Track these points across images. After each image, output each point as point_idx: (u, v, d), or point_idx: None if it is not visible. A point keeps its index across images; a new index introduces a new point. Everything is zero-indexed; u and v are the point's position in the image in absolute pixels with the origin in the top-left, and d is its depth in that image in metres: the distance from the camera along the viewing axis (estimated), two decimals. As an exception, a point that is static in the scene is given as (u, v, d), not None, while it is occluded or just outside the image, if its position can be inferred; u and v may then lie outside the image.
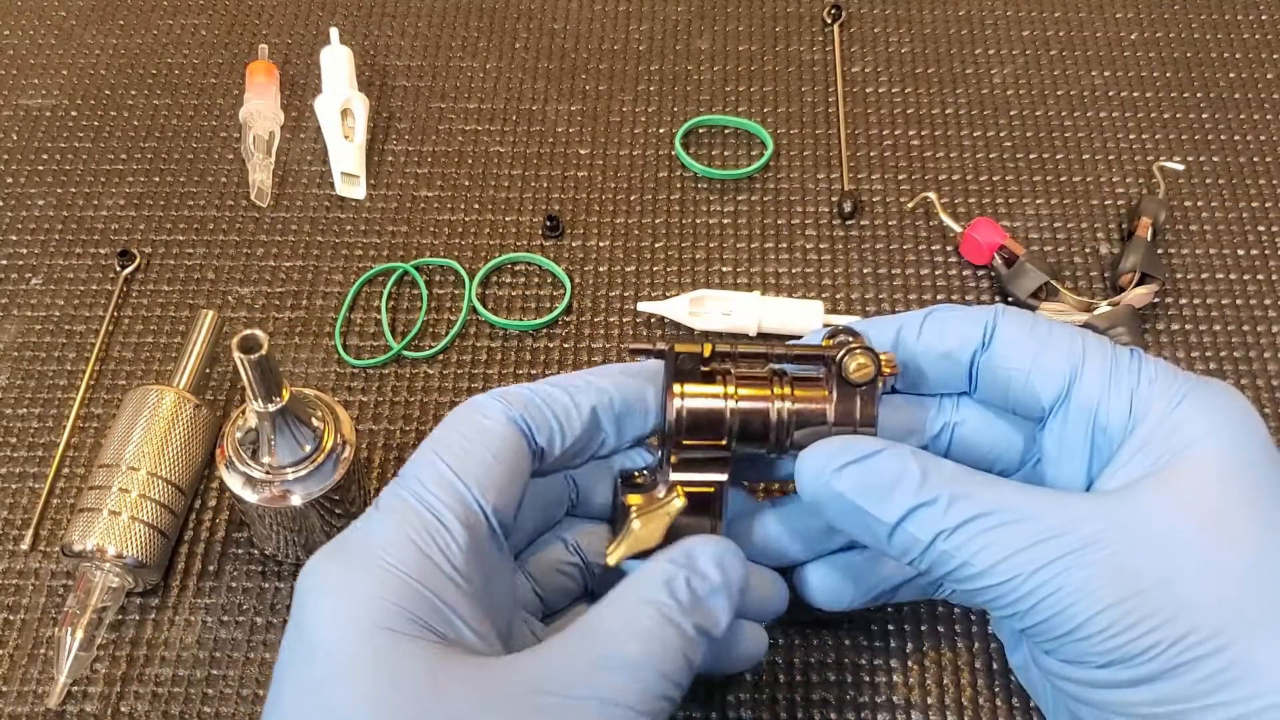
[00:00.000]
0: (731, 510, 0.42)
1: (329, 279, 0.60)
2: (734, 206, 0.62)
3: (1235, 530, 0.36)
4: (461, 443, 0.38)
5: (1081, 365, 0.39)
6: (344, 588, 0.35)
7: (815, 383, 0.41)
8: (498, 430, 0.38)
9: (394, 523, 0.36)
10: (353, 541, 0.37)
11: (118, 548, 0.47)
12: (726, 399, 0.40)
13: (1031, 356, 0.40)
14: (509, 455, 0.38)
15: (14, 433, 0.55)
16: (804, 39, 0.69)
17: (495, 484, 0.38)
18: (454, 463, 0.37)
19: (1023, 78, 0.67)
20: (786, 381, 0.41)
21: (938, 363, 0.42)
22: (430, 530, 0.36)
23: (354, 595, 0.35)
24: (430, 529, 0.36)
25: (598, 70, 0.68)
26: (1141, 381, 0.39)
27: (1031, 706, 0.48)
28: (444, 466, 0.37)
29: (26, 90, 0.67)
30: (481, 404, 0.39)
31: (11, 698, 0.48)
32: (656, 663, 0.35)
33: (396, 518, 0.37)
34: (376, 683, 0.33)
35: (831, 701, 0.48)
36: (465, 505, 0.37)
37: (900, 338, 0.42)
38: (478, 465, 0.38)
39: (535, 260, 0.60)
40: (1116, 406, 0.39)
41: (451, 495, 0.37)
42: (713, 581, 0.37)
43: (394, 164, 0.64)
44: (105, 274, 0.60)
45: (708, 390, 0.40)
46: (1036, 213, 0.62)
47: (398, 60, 0.69)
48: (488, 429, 0.38)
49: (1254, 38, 0.69)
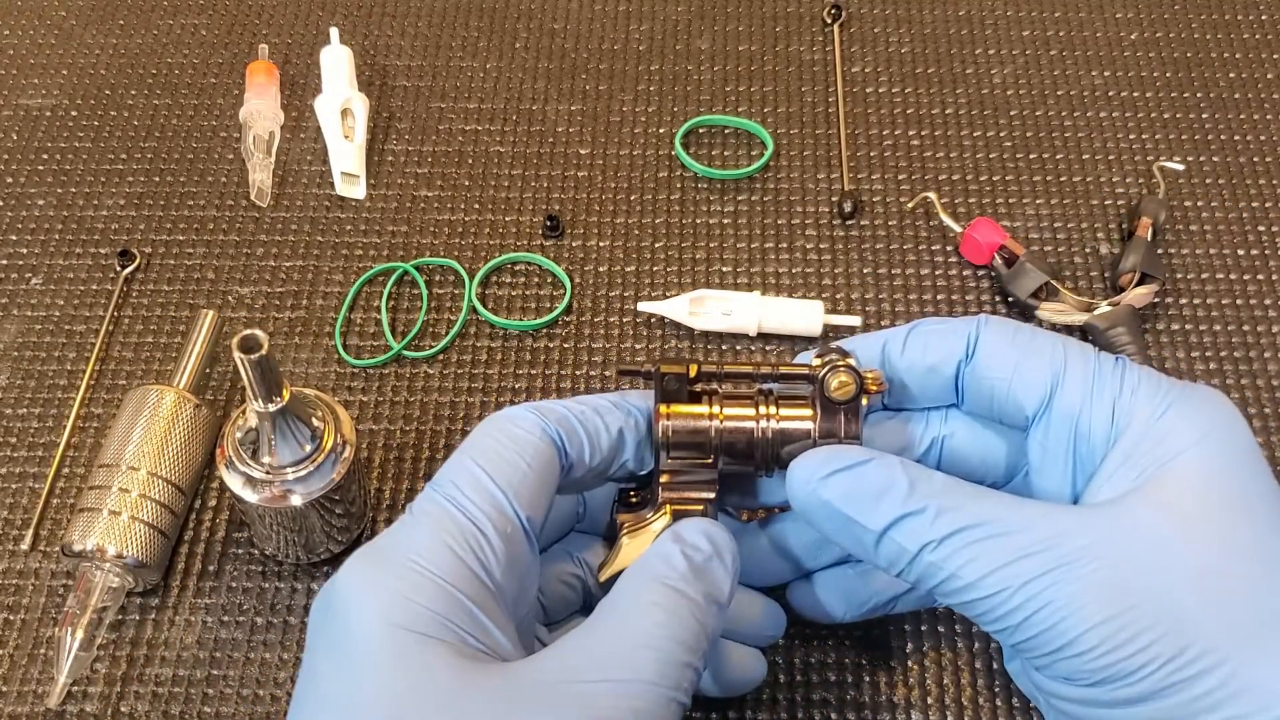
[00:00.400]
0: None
1: (329, 279, 0.60)
2: (734, 206, 0.62)
3: (1225, 541, 0.36)
4: (498, 449, 0.38)
5: (1063, 373, 0.39)
6: (377, 589, 0.35)
7: (801, 402, 0.41)
8: (532, 441, 0.39)
9: (429, 528, 0.37)
10: (388, 545, 0.37)
11: (118, 548, 0.47)
12: (712, 419, 0.41)
13: (1013, 365, 0.40)
14: (542, 466, 0.39)
15: (14, 433, 0.55)
16: (804, 39, 0.69)
17: (530, 492, 0.38)
18: (491, 469, 0.38)
19: (1023, 78, 0.67)
20: (772, 401, 0.41)
21: (924, 377, 0.42)
22: (467, 536, 0.36)
23: (386, 597, 0.35)
24: (467, 534, 0.36)
25: (598, 70, 0.68)
26: (1124, 390, 0.38)
27: (1032, 707, 0.48)
28: (481, 473, 0.38)
29: (26, 90, 0.67)
30: (517, 415, 0.39)
31: (11, 698, 0.48)
32: (671, 631, 0.35)
33: (432, 523, 0.37)
34: (401, 682, 0.33)
35: (831, 701, 0.48)
36: (502, 512, 0.37)
37: (885, 354, 0.42)
38: (514, 473, 0.38)
39: (535, 260, 0.60)
40: (1099, 415, 0.38)
41: (489, 502, 0.37)
42: (704, 550, 0.38)
43: (394, 164, 0.64)
44: (105, 274, 0.60)
45: (693, 410, 0.41)
46: (1037, 213, 0.62)
47: (398, 60, 0.69)
48: (522, 439, 0.39)
49: (1254, 38, 0.69)
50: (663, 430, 0.40)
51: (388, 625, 0.34)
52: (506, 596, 0.37)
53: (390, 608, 0.34)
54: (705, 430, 0.40)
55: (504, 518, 0.37)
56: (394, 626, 0.34)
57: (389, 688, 0.33)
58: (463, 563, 0.36)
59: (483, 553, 0.36)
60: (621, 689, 0.34)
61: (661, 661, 0.35)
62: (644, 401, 0.42)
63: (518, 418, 0.39)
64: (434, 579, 0.35)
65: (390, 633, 0.34)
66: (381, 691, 0.33)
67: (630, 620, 0.36)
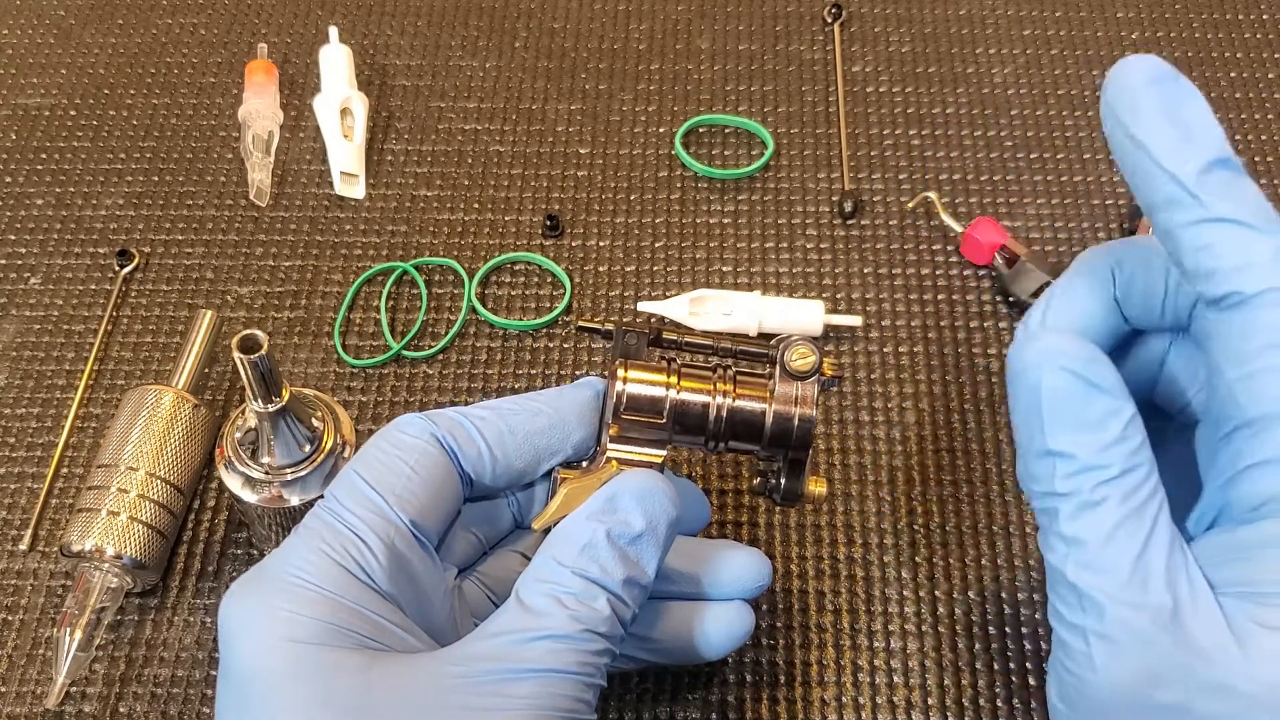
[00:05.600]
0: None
1: (328, 279, 0.60)
2: (734, 206, 0.62)
3: None
4: (380, 457, 0.38)
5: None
6: (262, 610, 0.35)
7: (758, 380, 0.41)
8: (417, 445, 0.39)
9: (310, 542, 0.37)
10: (269, 566, 0.37)
11: (116, 548, 0.47)
12: (669, 388, 0.40)
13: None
14: (428, 467, 0.38)
15: (13, 433, 0.55)
16: (804, 38, 0.69)
17: (414, 494, 0.38)
18: (370, 477, 0.38)
19: (1024, 77, 0.67)
20: (729, 378, 0.41)
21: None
22: (346, 544, 0.36)
23: (272, 616, 0.35)
24: (346, 543, 0.36)
25: (598, 69, 0.68)
26: None
27: (1032, 708, 0.48)
28: (360, 481, 0.38)
29: (26, 90, 0.67)
30: (403, 421, 0.40)
31: (10, 698, 0.48)
32: (588, 625, 0.35)
33: (312, 537, 0.37)
34: (304, 696, 0.34)
35: (831, 701, 0.48)
36: (383, 517, 0.37)
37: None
38: (395, 477, 0.38)
39: (535, 260, 0.60)
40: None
41: (367, 508, 0.37)
42: (635, 530, 0.37)
43: (393, 163, 0.64)
44: (104, 274, 0.60)
45: (652, 374, 0.40)
46: (1038, 212, 0.62)
47: (397, 59, 0.68)
48: (406, 443, 0.39)
49: (1255, 37, 0.69)
50: (618, 392, 0.40)
51: (281, 642, 0.34)
52: (404, 598, 0.37)
53: (279, 625, 0.35)
54: (661, 398, 0.40)
55: (385, 523, 0.37)
56: (288, 642, 0.34)
57: (291, 703, 0.34)
58: (345, 571, 0.36)
59: (364, 559, 0.36)
60: (522, 677, 0.34)
61: (578, 652, 0.35)
62: (581, 394, 0.42)
63: (404, 424, 0.39)
64: (317, 590, 0.35)
65: (285, 649, 0.34)
66: (286, 707, 0.34)
67: (546, 613, 0.35)
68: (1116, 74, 0.32)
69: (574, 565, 0.36)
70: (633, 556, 0.37)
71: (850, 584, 0.51)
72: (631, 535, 0.37)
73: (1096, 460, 0.33)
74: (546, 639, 0.35)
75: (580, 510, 0.38)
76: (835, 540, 0.52)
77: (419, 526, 0.38)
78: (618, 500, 0.37)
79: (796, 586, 0.51)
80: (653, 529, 0.37)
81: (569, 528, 0.37)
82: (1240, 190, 0.31)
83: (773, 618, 0.50)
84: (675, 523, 0.38)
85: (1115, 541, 0.32)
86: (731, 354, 0.41)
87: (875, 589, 0.51)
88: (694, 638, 0.43)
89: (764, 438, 0.40)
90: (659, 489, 0.38)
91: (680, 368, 0.41)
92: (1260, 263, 0.31)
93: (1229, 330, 0.32)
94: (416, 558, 0.38)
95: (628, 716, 0.48)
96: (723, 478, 0.54)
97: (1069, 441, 0.33)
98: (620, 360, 0.41)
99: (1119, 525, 0.32)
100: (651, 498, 0.38)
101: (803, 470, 0.41)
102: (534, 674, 0.34)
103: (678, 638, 0.43)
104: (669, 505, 0.38)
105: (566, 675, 0.35)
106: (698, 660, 0.44)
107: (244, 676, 0.34)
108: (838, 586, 0.51)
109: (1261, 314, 0.31)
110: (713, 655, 0.44)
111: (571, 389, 0.42)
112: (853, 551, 0.51)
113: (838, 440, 0.54)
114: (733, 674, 0.48)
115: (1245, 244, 0.31)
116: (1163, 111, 0.31)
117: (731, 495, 0.53)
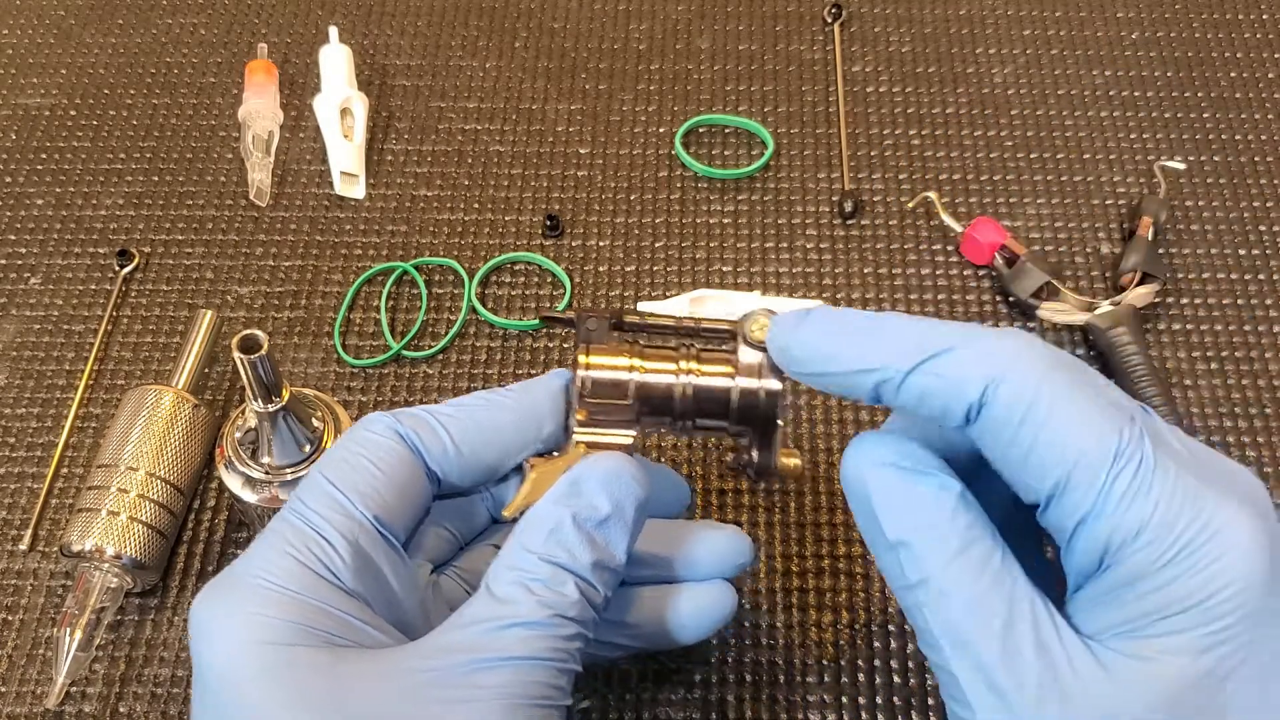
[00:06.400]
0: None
1: (328, 279, 0.60)
2: (734, 206, 0.62)
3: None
4: (344, 456, 0.38)
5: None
6: (229, 613, 0.35)
7: (722, 355, 0.41)
8: (382, 443, 0.39)
9: (275, 544, 0.37)
10: (236, 569, 0.37)
11: (116, 548, 0.47)
12: (632, 371, 0.40)
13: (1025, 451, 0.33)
14: (393, 465, 0.38)
15: (13, 432, 0.55)
16: (804, 38, 0.69)
17: (378, 491, 0.38)
18: (334, 476, 0.38)
19: (1023, 77, 0.67)
20: (693, 354, 0.41)
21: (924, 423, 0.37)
22: (309, 544, 0.36)
23: (240, 619, 0.35)
24: (310, 542, 0.36)
25: (598, 69, 0.68)
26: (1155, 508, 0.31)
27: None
28: (324, 481, 0.38)
29: (25, 90, 0.67)
30: (368, 420, 0.40)
31: (10, 698, 0.48)
32: (558, 610, 0.35)
33: (277, 539, 0.37)
34: (278, 696, 0.34)
35: (830, 701, 0.48)
36: (346, 515, 0.37)
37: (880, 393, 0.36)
38: (359, 475, 0.38)
39: (535, 260, 0.60)
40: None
41: (331, 507, 0.37)
42: (601, 513, 0.37)
43: (393, 163, 0.64)
44: (104, 274, 0.60)
45: (614, 358, 0.40)
46: (1037, 212, 0.62)
47: (397, 59, 0.68)
48: (371, 441, 0.39)
49: (1255, 37, 0.69)
50: (580, 377, 0.40)
51: (250, 645, 0.34)
52: (371, 595, 0.37)
53: (247, 628, 0.35)
54: (625, 381, 0.40)
55: (350, 521, 0.37)
56: (257, 644, 0.34)
57: (266, 704, 0.34)
58: (309, 570, 0.36)
59: (328, 558, 0.36)
60: (494, 665, 0.34)
61: (550, 638, 0.35)
62: (550, 385, 0.42)
63: (369, 423, 0.39)
64: (283, 591, 0.35)
65: (255, 651, 0.34)
66: (261, 708, 0.34)
67: (514, 600, 0.35)
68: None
69: (541, 551, 0.36)
70: (600, 540, 0.37)
71: (850, 583, 0.51)
72: (598, 518, 0.37)
73: (934, 539, 0.34)
74: (517, 626, 0.35)
75: (546, 495, 0.37)
76: (835, 539, 0.52)
77: (384, 523, 0.38)
78: (582, 484, 0.37)
79: (796, 585, 0.51)
80: (619, 511, 0.37)
81: (535, 514, 0.37)
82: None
83: (772, 616, 0.50)
84: (644, 504, 0.38)
85: (979, 617, 0.33)
86: (695, 333, 0.41)
87: (875, 588, 0.51)
88: (669, 621, 0.43)
89: (731, 412, 0.40)
90: (625, 470, 0.38)
91: (643, 349, 0.41)
92: (969, 373, 0.33)
93: (985, 434, 0.33)
94: (383, 555, 0.38)
95: (627, 716, 0.48)
96: (722, 477, 0.54)
97: (904, 528, 0.34)
98: (583, 346, 0.41)
99: (978, 601, 0.33)
100: (618, 480, 0.37)
101: (773, 443, 0.41)
102: (506, 662, 0.34)
103: (653, 622, 0.43)
104: (636, 487, 0.38)
105: (538, 662, 0.35)
106: (677, 644, 0.44)
107: (217, 680, 0.35)
108: (837, 585, 0.51)
109: (995, 410, 0.32)
110: (690, 638, 0.44)
111: (540, 381, 0.42)
112: (853, 550, 0.51)
113: (838, 440, 0.54)
114: (731, 673, 0.48)
115: (954, 363, 0.33)
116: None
117: (731, 495, 0.53)
